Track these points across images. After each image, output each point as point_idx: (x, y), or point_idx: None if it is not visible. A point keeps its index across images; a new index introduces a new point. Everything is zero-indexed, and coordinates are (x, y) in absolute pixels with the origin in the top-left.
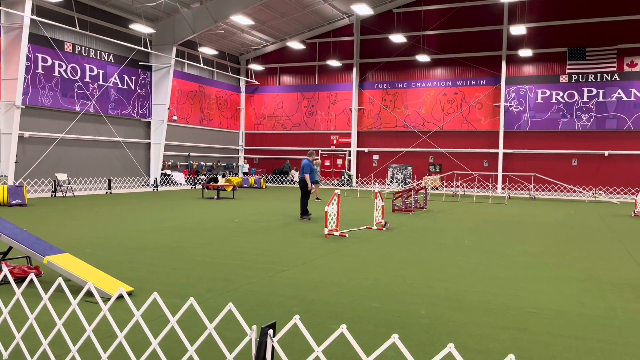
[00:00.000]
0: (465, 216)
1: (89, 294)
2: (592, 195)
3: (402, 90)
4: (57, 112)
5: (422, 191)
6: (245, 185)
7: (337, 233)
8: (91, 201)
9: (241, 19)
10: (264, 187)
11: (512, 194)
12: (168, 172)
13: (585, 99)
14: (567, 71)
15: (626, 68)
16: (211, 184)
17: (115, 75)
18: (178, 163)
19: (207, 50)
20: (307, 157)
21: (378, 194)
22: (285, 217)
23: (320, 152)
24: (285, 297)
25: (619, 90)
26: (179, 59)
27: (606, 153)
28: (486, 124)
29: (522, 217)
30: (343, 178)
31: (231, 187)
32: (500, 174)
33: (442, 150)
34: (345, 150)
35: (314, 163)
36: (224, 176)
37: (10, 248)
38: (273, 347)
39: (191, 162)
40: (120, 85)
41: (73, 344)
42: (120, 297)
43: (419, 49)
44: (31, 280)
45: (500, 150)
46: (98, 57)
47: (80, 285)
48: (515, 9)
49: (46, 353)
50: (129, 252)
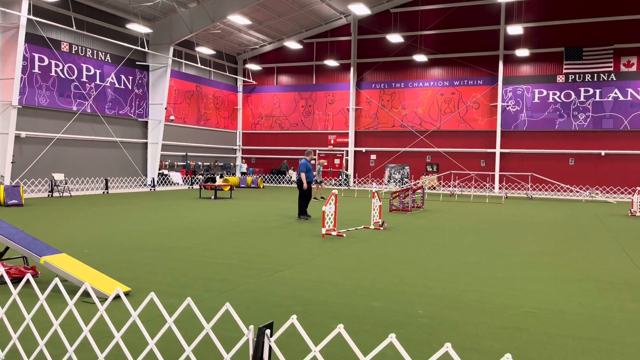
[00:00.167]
0: (462, 216)
1: (85, 294)
2: (589, 195)
3: (400, 90)
4: (54, 112)
5: (419, 191)
6: (243, 185)
7: (334, 233)
8: (88, 201)
9: (238, 19)
10: (261, 187)
11: (509, 194)
12: (165, 172)
13: (582, 99)
14: (564, 71)
15: (623, 68)
16: (208, 183)
17: (112, 75)
18: (175, 163)
19: (205, 50)
20: (304, 156)
21: (375, 194)
22: (282, 217)
23: (317, 151)
24: (282, 297)
25: (616, 90)
26: (176, 58)
27: (603, 153)
28: (483, 123)
29: (519, 217)
30: (340, 178)
31: (228, 187)
32: (497, 173)
33: (440, 150)
34: (343, 150)
35: (318, 163)
36: (221, 176)
37: (7, 248)
38: (270, 347)
39: (188, 162)
40: (117, 85)
41: (70, 345)
42: (117, 297)
43: (416, 48)
44: (28, 280)
45: (498, 150)
46: (95, 57)
47: (77, 285)
48: (512, 9)
49: (43, 353)
50: (126, 252)
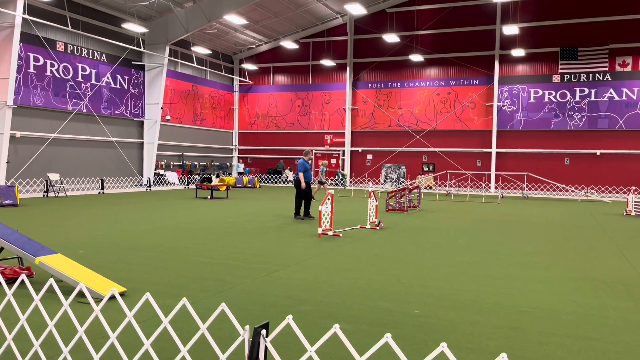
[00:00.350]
0: (458, 215)
1: (81, 294)
2: (585, 195)
3: (396, 90)
4: (49, 112)
5: (415, 190)
6: (239, 185)
7: (331, 233)
8: (84, 201)
9: (234, 19)
10: (257, 186)
11: (505, 193)
12: (161, 172)
13: (577, 99)
14: (560, 71)
15: (618, 68)
16: (205, 183)
17: (108, 74)
18: (171, 163)
19: (201, 50)
20: (302, 156)
21: (372, 194)
22: (279, 217)
23: (314, 151)
24: (278, 297)
25: (611, 90)
26: (172, 58)
27: (598, 152)
28: (479, 123)
29: (515, 217)
30: (337, 178)
31: (225, 187)
32: (493, 173)
33: (436, 149)
34: (339, 150)
35: (322, 164)
36: (217, 176)
37: (2, 249)
38: (266, 347)
39: (184, 161)
40: (113, 85)
41: (65, 345)
42: (113, 297)
43: (413, 48)
44: (22, 281)
45: (494, 150)
46: (90, 57)
47: (72, 286)
48: (508, 9)
49: (38, 354)
50: (122, 253)
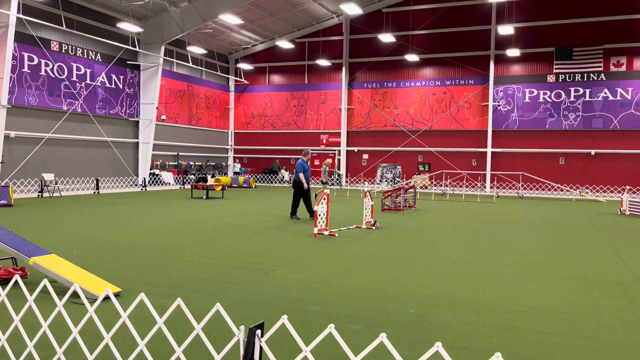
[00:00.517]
0: (454, 215)
1: (75, 295)
2: (579, 194)
3: (391, 90)
4: (44, 112)
5: (411, 190)
6: (235, 185)
7: (326, 232)
8: (79, 201)
9: (230, 18)
10: (253, 186)
11: (501, 193)
12: (157, 172)
13: (572, 99)
14: (555, 71)
15: (612, 68)
16: (200, 183)
17: (103, 74)
18: (167, 163)
19: (196, 50)
20: (302, 156)
21: (367, 193)
22: (274, 216)
23: (310, 151)
24: (274, 297)
25: (605, 90)
26: (168, 58)
27: (593, 152)
28: (475, 123)
29: (510, 216)
30: (333, 177)
31: (220, 187)
32: (488, 173)
33: (431, 149)
34: (335, 150)
35: (324, 163)
36: (213, 176)
37: None
38: (261, 348)
39: (180, 161)
40: (108, 85)
41: (59, 346)
42: (108, 298)
43: (408, 48)
44: (16, 281)
45: (489, 150)
46: (85, 56)
47: (66, 286)
48: (503, 9)
49: (32, 355)
50: (117, 253)
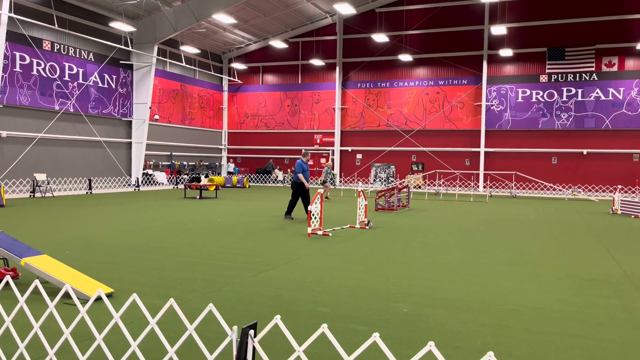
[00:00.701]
0: (447, 215)
1: (67, 295)
2: (572, 193)
3: (385, 90)
4: (36, 112)
5: (404, 190)
6: (229, 185)
7: (320, 232)
8: (71, 202)
9: (223, 18)
10: (247, 186)
11: (494, 193)
12: (150, 172)
13: (564, 99)
14: (547, 71)
15: (604, 68)
16: (193, 183)
17: (96, 73)
18: (160, 163)
19: (189, 49)
20: (301, 157)
21: (361, 193)
22: (268, 216)
23: (303, 151)
24: (267, 297)
25: (597, 90)
26: (161, 57)
27: (585, 152)
28: (468, 123)
29: (503, 215)
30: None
31: (214, 187)
32: (481, 172)
33: (425, 149)
34: (329, 150)
35: (326, 165)
36: (206, 176)
37: None
38: (254, 348)
39: (173, 161)
40: (100, 84)
41: (51, 347)
42: (100, 298)
43: (402, 48)
44: (7, 282)
45: (482, 149)
46: (78, 56)
47: (58, 287)
48: (496, 9)
49: (23, 356)
50: (110, 253)
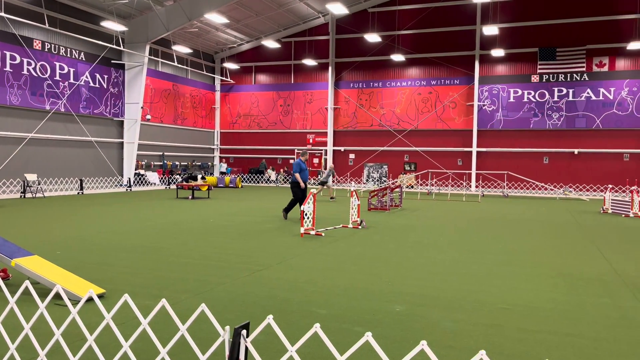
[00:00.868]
0: (440, 214)
1: (58, 296)
2: (563, 193)
3: (378, 90)
4: (26, 111)
5: (397, 190)
6: (221, 185)
7: (313, 232)
8: (62, 202)
9: (215, 17)
10: (239, 186)
11: (486, 192)
12: (142, 172)
13: (555, 99)
14: (538, 71)
15: (595, 68)
16: (185, 183)
17: (87, 73)
18: (152, 163)
19: (181, 49)
20: (300, 157)
21: (354, 193)
22: (261, 216)
23: (296, 151)
24: (260, 296)
25: (588, 90)
26: (153, 57)
27: (576, 151)
28: (460, 123)
29: (495, 215)
30: (319, 177)
31: (206, 187)
32: (474, 172)
33: (417, 149)
34: (322, 150)
35: (328, 168)
36: (203, 177)
37: None
38: (246, 348)
39: (165, 161)
40: (92, 84)
41: (41, 348)
42: (91, 299)
43: (394, 48)
44: None
45: (474, 149)
46: (68, 55)
47: (49, 288)
48: (488, 10)
49: (13, 357)
50: (102, 254)
